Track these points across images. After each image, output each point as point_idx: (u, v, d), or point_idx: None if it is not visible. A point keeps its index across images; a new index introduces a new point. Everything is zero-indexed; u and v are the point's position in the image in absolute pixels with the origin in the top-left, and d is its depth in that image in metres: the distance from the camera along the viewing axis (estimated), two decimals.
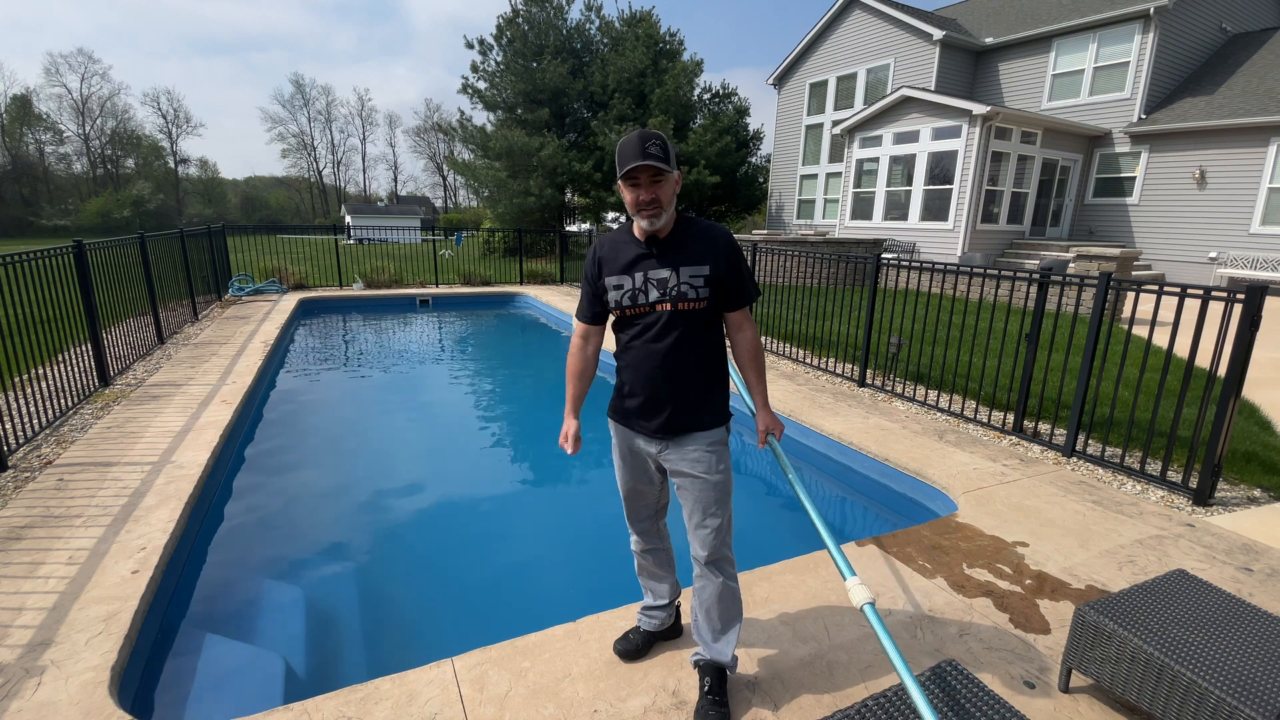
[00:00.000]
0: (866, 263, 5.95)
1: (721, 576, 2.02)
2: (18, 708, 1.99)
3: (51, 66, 62.71)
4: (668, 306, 1.91)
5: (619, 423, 2.11)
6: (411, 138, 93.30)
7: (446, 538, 3.78)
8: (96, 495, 3.45)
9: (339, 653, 2.76)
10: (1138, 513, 3.47)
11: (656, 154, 1.79)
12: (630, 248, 1.96)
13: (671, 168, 1.84)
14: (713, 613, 2.04)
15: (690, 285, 1.90)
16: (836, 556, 1.85)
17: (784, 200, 21.26)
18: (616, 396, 2.11)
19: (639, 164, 1.79)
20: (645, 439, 2.04)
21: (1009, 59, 16.40)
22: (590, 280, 2.05)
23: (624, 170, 1.82)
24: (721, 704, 2.00)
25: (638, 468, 2.11)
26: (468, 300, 12.64)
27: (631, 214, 1.89)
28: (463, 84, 22.30)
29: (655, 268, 1.92)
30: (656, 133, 1.86)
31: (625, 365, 2.04)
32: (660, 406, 1.97)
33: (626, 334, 2.01)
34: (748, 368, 2.09)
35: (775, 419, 2.10)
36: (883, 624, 1.68)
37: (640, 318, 1.95)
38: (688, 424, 1.99)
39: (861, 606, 1.73)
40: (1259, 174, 12.51)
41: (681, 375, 1.95)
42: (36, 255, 4.49)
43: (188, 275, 8.93)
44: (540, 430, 5.82)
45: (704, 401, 2.01)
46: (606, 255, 2.00)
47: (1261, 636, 1.88)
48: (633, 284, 1.93)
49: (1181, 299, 3.63)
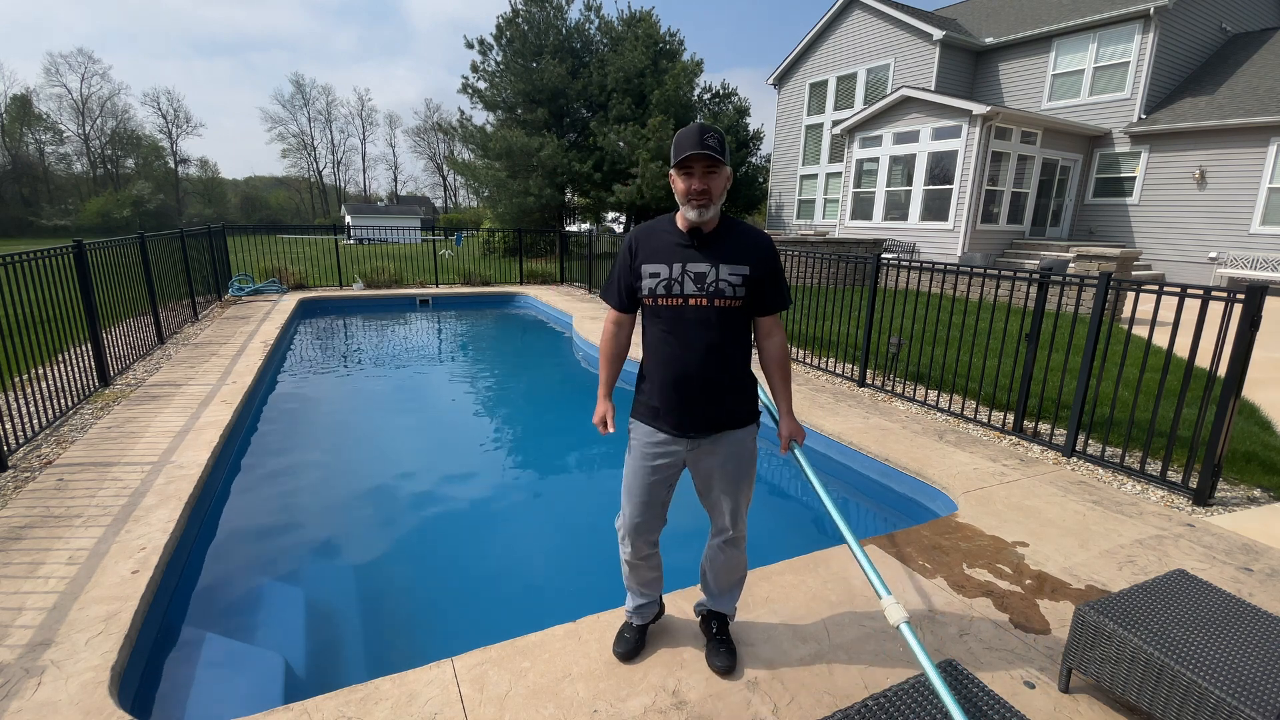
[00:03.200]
0: (866, 263, 5.95)
1: (736, 549, 2.17)
2: (18, 708, 1.99)
3: (51, 66, 62.96)
4: (704, 302, 1.90)
5: (645, 422, 2.06)
6: (411, 138, 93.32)
7: (446, 538, 3.78)
8: (96, 495, 3.45)
9: (339, 653, 2.76)
10: (1138, 513, 3.47)
11: (714, 146, 1.81)
12: (670, 237, 1.96)
13: (726, 162, 1.86)
14: (722, 576, 2.22)
15: (729, 283, 1.90)
16: (869, 572, 1.80)
17: (784, 200, 21.27)
18: (642, 394, 2.07)
19: (695, 153, 1.80)
20: (674, 438, 2.01)
21: (1009, 59, 16.40)
22: (624, 266, 2.03)
23: (679, 158, 1.82)
24: (729, 642, 2.26)
25: (660, 471, 2.05)
26: (468, 300, 12.64)
27: (681, 203, 1.90)
28: (463, 84, 22.32)
29: (695, 260, 1.91)
30: (715, 127, 1.89)
31: (655, 363, 2.00)
32: (692, 405, 1.96)
33: (657, 328, 1.98)
34: (775, 374, 2.09)
35: (798, 426, 2.10)
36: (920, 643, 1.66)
37: (671, 310, 1.93)
38: (722, 423, 1.99)
39: (898, 625, 1.72)
40: (1259, 174, 12.51)
41: (716, 374, 1.95)
42: (36, 255, 4.49)
43: (188, 275, 8.92)
44: (540, 430, 5.82)
45: (736, 400, 2.00)
46: (643, 241, 2.00)
47: (1261, 636, 1.87)
48: (669, 273, 1.92)
49: (1181, 299, 3.63)
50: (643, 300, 2.00)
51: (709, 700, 2.07)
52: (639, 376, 2.10)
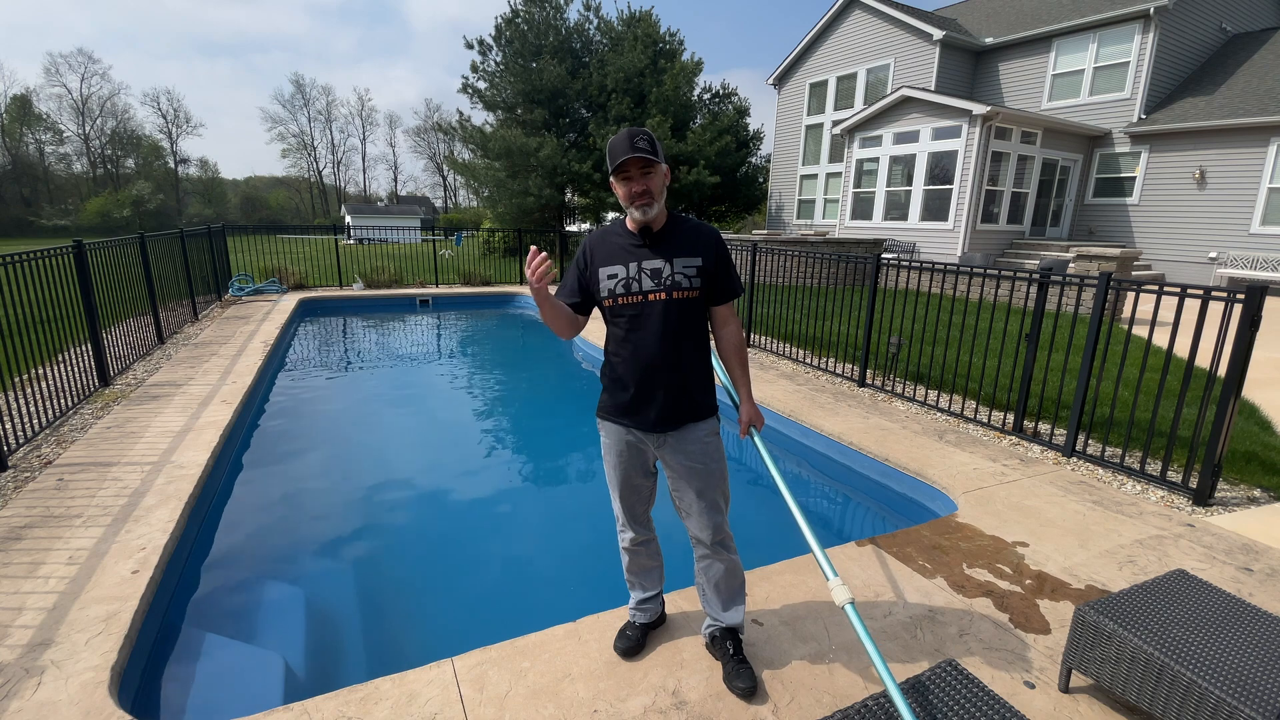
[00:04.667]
0: (866, 263, 5.95)
1: (726, 553, 2.16)
2: (18, 708, 1.99)
3: (51, 66, 62.98)
4: (662, 296, 1.97)
5: (612, 421, 2.11)
6: (411, 138, 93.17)
7: (446, 538, 3.78)
8: (96, 495, 3.45)
9: (339, 653, 2.76)
10: (1138, 513, 3.47)
11: (644, 147, 1.88)
12: (622, 239, 2.03)
13: (659, 160, 1.92)
14: (721, 586, 2.18)
15: (684, 275, 1.98)
16: (818, 554, 1.89)
17: (784, 200, 21.26)
18: (607, 395, 2.12)
19: (629, 157, 1.87)
20: (642, 434, 2.07)
21: (1009, 59, 16.40)
22: (579, 271, 2.08)
23: (615, 164, 1.89)
24: (745, 661, 2.17)
25: (634, 463, 2.12)
26: (468, 300, 12.64)
27: (625, 207, 1.97)
28: (463, 84, 22.29)
29: (649, 258, 1.99)
30: (643, 129, 1.94)
31: (619, 360, 2.05)
32: (657, 398, 2.01)
33: (619, 327, 2.04)
34: (733, 360, 2.17)
35: (757, 412, 2.19)
36: (863, 624, 1.75)
37: (632, 308, 1.99)
38: (686, 415, 2.04)
39: (843, 606, 1.80)
40: (1259, 174, 12.51)
41: (677, 365, 2.01)
42: (36, 255, 4.49)
43: (188, 275, 8.92)
44: (540, 430, 5.82)
45: (699, 391, 2.06)
46: (598, 246, 2.06)
47: (1261, 636, 1.88)
48: (626, 273, 1.99)
49: (1181, 299, 3.63)
50: (602, 303, 2.05)
51: (709, 700, 2.07)
52: (602, 378, 2.15)
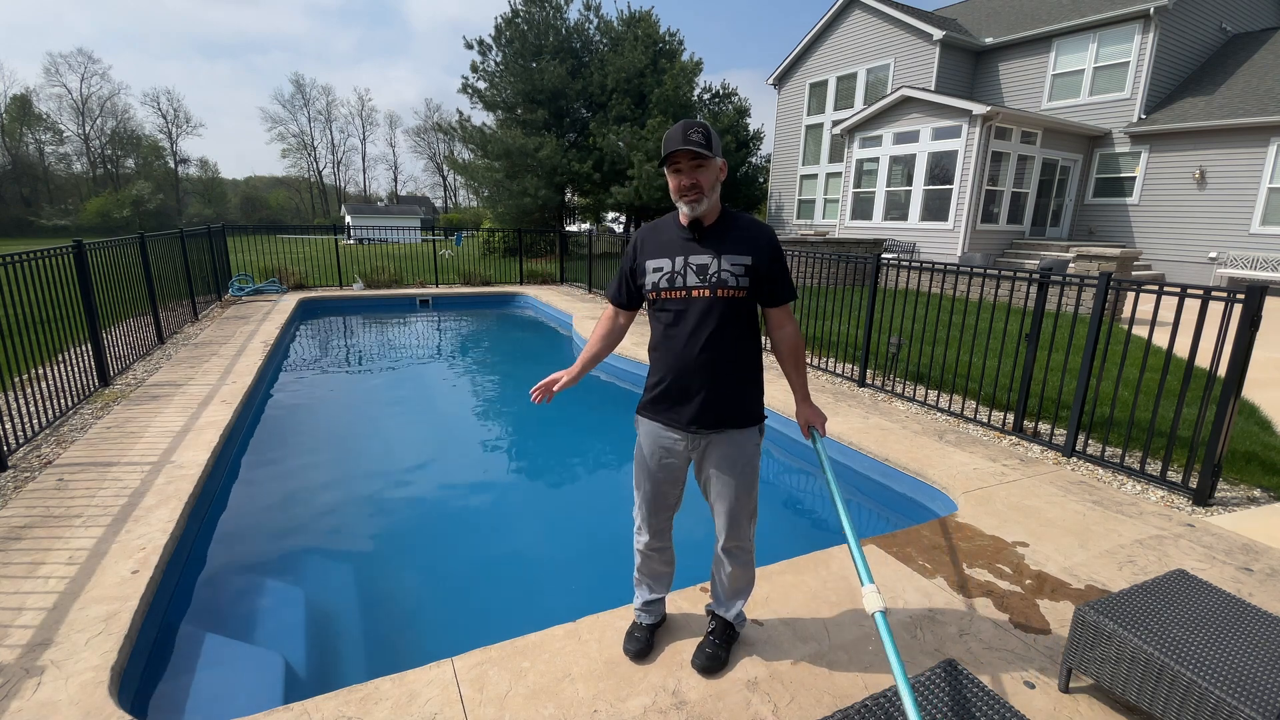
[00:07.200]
0: (866, 263, 5.95)
1: (744, 558, 2.19)
2: (18, 708, 1.99)
3: (51, 66, 62.89)
4: (706, 293, 1.92)
5: (650, 418, 2.08)
6: (411, 138, 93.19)
7: (446, 538, 3.78)
8: (96, 495, 3.45)
9: (339, 653, 2.76)
10: (1138, 513, 3.47)
11: (698, 140, 1.83)
12: (673, 232, 2.00)
13: (713, 154, 1.87)
14: (730, 584, 2.23)
15: (730, 273, 1.92)
16: (858, 560, 1.81)
17: (784, 200, 21.27)
18: (648, 392, 2.09)
19: (680, 149, 1.82)
20: (678, 435, 2.03)
21: (1009, 59, 16.40)
22: (627, 263, 2.08)
23: (666, 154, 1.86)
24: (719, 645, 2.24)
25: (667, 468, 2.09)
26: (468, 300, 12.64)
27: (675, 199, 1.93)
28: (463, 84, 22.29)
29: (697, 252, 1.94)
30: (701, 121, 1.90)
31: (659, 357, 2.03)
32: (693, 398, 1.97)
33: (662, 322, 2.01)
34: (787, 363, 2.13)
35: (817, 411, 2.14)
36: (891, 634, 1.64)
37: (675, 304, 1.95)
38: (725, 418, 2.00)
39: (873, 614, 1.69)
40: (1259, 174, 12.51)
41: (718, 365, 1.96)
42: (36, 255, 4.49)
43: (188, 275, 8.92)
44: (540, 430, 5.82)
45: (740, 395, 2.02)
46: (647, 238, 2.04)
47: (1261, 636, 1.87)
48: (672, 266, 1.95)
49: (1181, 299, 3.63)
50: (647, 296, 2.02)
51: (709, 700, 2.07)
52: (647, 377, 2.12)
